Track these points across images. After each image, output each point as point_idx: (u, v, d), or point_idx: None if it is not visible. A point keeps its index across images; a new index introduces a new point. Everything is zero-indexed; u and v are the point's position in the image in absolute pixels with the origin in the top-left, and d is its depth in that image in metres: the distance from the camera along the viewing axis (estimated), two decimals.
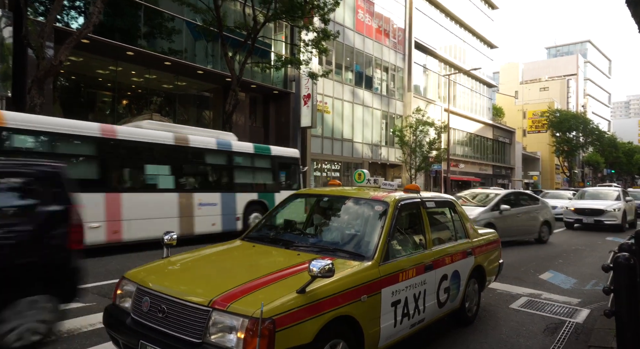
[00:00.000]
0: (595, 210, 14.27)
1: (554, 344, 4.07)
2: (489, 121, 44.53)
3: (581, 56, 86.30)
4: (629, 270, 2.88)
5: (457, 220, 4.53)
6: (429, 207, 4.02)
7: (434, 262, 3.69)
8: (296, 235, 3.86)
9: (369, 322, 2.87)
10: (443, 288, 3.83)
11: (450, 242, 4.20)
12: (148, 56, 15.21)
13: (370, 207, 3.64)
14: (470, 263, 4.38)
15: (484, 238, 4.89)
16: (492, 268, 4.98)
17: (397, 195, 3.70)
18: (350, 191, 4.10)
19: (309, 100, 21.55)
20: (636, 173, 72.24)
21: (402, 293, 3.24)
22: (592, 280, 7.01)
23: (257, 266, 3.05)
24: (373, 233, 3.31)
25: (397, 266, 3.22)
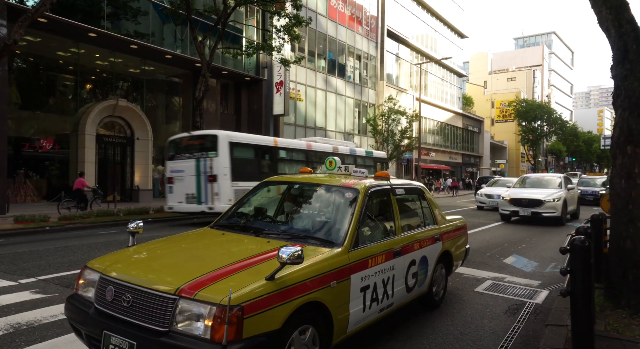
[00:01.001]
0: (533, 201, 12.35)
1: (515, 324, 4.26)
2: (459, 110, 45.48)
3: (546, 47, 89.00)
4: (584, 251, 3.03)
5: (425, 207, 4.60)
6: (398, 194, 4.08)
7: (403, 248, 3.76)
8: (267, 222, 3.83)
9: (338, 307, 2.91)
10: (411, 273, 3.89)
11: (419, 228, 4.28)
12: (112, 38, 14.59)
13: (340, 194, 3.64)
14: (438, 248, 4.46)
15: (452, 225, 4.98)
16: (459, 254, 5.10)
17: (367, 182, 3.72)
18: (321, 178, 4.07)
19: (281, 88, 21.32)
20: (595, 161, 75.88)
21: (371, 278, 3.28)
22: (552, 263, 7.36)
23: (226, 254, 3.03)
24: (343, 220, 3.34)
25: (366, 252, 3.26)
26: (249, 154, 12.15)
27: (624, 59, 4.27)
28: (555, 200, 12.44)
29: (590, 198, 20.79)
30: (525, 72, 76.06)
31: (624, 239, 4.21)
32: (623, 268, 4.20)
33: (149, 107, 18.12)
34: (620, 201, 4.29)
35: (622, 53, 4.28)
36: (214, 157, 11.05)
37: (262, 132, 21.62)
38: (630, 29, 4.24)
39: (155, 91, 18.96)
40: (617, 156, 4.35)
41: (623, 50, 4.27)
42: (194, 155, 11.38)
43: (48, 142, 14.81)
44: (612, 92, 4.56)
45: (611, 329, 3.67)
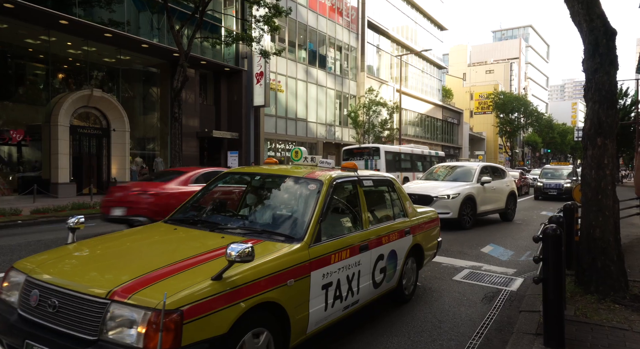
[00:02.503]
0: (423, 197, 9.49)
1: (491, 311, 4.39)
2: (439, 102, 45.99)
3: (523, 40, 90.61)
4: (555, 240, 3.14)
5: (395, 199, 4.48)
6: (366, 186, 3.96)
7: (370, 242, 3.64)
8: (224, 216, 3.63)
9: (296, 307, 2.74)
10: (379, 268, 3.78)
11: (388, 221, 4.15)
12: (85, 26, 14.12)
13: (303, 186, 3.48)
14: (409, 242, 4.35)
15: (423, 217, 4.86)
16: (430, 246, 4.99)
17: (332, 174, 3.57)
18: (284, 169, 3.88)
19: (261, 79, 21.10)
20: (569, 152, 78.16)
21: (334, 275, 3.14)
22: (527, 251, 7.59)
23: (173, 252, 2.79)
24: (305, 213, 3.18)
25: (329, 248, 3.11)
26: (391, 157, 20.60)
27: (594, 53, 4.40)
28: (450, 196, 9.48)
29: (554, 193, 18.35)
30: (503, 64, 77.38)
31: (594, 228, 4.38)
32: (592, 255, 4.37)
33: (125, 98, 17.68)
34: (591, 191, 4.44)
35: (592, 47, 4.41)
36: (377, 159, 19.65)
37: (243, 123, 21.40)
38: (600, 23, 4.36)
39: (131, 81, 18.49)
40: (588, 147, 4.49)
41: (594, 44, 4.39)
42: (364, 157, 19.79)
43: (18, 133, 14.30)
44: (584, 86, 4.69)
45: (580, 313, 3.83)
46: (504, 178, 11.72)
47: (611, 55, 4.37)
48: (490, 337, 3.71)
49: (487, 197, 10.46)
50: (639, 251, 6.70)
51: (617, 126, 4.47)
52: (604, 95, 4.37)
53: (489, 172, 11.18)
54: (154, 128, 19.43)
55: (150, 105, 19.56)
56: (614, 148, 4.43)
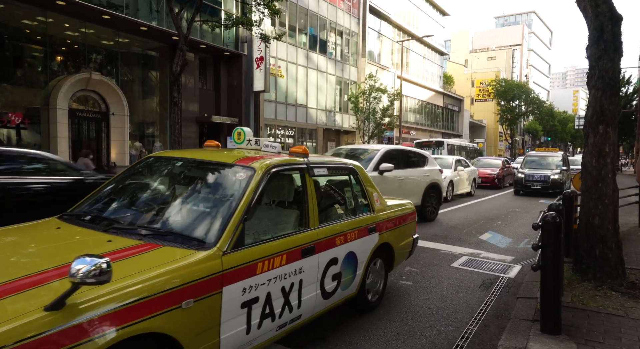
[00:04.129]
0: None
1: (488, 298, 4.44)
2: (440, 89, 45.66)
3: (526, 27, 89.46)
4: (554, 227, 3.15)
5: (358, 191, 3.84)
6: (317, 174, 3.32)
7: (318, 244, 3.04)
8: (133, 211, 2.90)
9: (197, 335, 2.14)
10: (331, 275, 3.19)
11: (347, 217, 3.56)
12: (82, 7, 13.89)
13: (231, 175, 2.88)
14: (373, 241, 3.74)
15: (394, 211, 4.22)
16: (403, 245, 4.33)
17: (271, 160, 2.95)
18: (213, 154, 3.25)
19: (261, 63, 20.88)
20: (569, 140, 77.98)
21: (262, 288, 2.54)
22: (525, 238, 7.63)
23: (27, 262, 2.14)
24: (223, 209, 2.56)
25: (255, 254, 2.51)
26: (450, 148, 24.97)
27: (599, 39, 4.34)
28: None
29: (537, 186, 14.87)
30: (505, 51, 76.52)
31: (593, 215, 4.39)
32: (591, 243, 4.39)
33: (124, 81, 17.51)
34: (591, 179, 4.44)
35: (597, 33, 4.35)
36: (441, 149, 24.02)
37: (242, 108, 21.27)
38: (606, 9, 4.29)
39: (130, 65, 18.28)
40: (590, 135, 4.47)
41: (599, 30, 4.33)
42: (432, 149, 23.55)
43: (17, 115, 14.20)
44: (586, 73, 4.64)
45: (577, 300, 3.87)
46: (422, 166, 9.59)
47: (616, 41, 4.31)
48: (488, 323, 3.75)
49: (389, 190, 8.02)
50: (636, 240, 6.74)
51: (620, 114, 4.45)
52: (607, 82, 4.33)
53: (397, 157, 8.82)
54: (153, 112, 19.32)
55: (150, 89, 19.39)
56: (616, 137, 4.42)
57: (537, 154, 17.78)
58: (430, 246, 6.72)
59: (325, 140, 27.88)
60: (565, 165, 16.39)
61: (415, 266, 5.52)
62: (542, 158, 16.78)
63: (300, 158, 3.24)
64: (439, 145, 25.12)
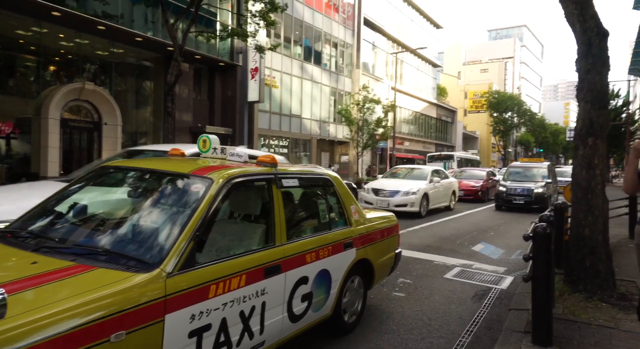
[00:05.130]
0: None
1: (481, 309, 4.43)
2: (434, 100, 46.11)
3: (518, 40, 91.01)
4: (545, 238, 3.16)
5: (334, 203, 3.60)
6: (286, 186, 3.09)
7: (285, 262, 2.79)
8: (66, 228, 2.62)
9: None
10: (300, 296, 2.93)
11: (320, 232, 3.30)
12: (78, 18, 13.93)
13: (185, 186, 2.64)
14: (350, 257, 3.49)
15: (374, 225, 3.96)
16: (383, 261, 4.07)
17: (232, 170, 2.71)
18: (170, 163, 3.00)
19: (256, 74, 20.99)
20: (560, 152, 78.82)
21: (216, 313, 2.28)
22: (517, 250, 7.65)
23: None
24: (172, 225, 2.31)
25: (207, 275, 2.24)
26: (459, 160, 28.26)
27: (587, 53, 4.43)
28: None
29: (520, 201, 13.51)
30: (498, 63, 77.69)
31: (583, 227, 4.42)
32: (581, 254, 4.41)
33: (118, 91, 17.49)
34: (581, 190, 4.48)
35: (585, 47, 4.43)
36: (451, 162, 27.39)
37: (237, 119, 21.31)
38: (593, 24, 4.38)
39: (124, 75, 18.29)
40: (579, 147, 4.53)
41: (587, 44, 4.42)
42: (443, 161, 27.42)
43: (7, 125, 14.10)
44: (576, 85, 4.72)
45: (568, 312, 3.87)
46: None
47: (603, 55, 4.40)
48: (480, 335, 3.73)
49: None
50: (626, 251, 6.78)
51: (609, 126, 4.51)
52: (596, 96, 4.40)
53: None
54: (146, 122, 19.28)
55: (143, 99, 19.39)
56: (605, 148, 4.47)
57: (521, 165, 16.22)
58: (423, 257, 6.71)
59: (319, 151, 27.95)
60: (552, 177, 14.94)
61: (407, 278, 5.50)
62: (526, 169, 15.31)
63: (267, 167, 3.00)
64: (449, 157, 28.84)
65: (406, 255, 6.75)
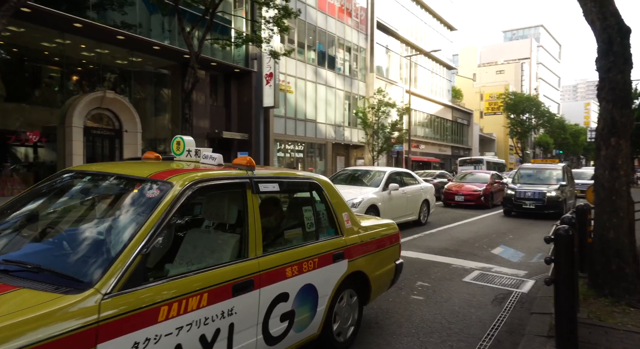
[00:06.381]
0: None
1: (501, 313, 4.35)
2: (449, 103, 45.69)
3: (534, 40, 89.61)
4: (567, 241, 3.10)
5: (322, 210, 3.29)
6: (264, 191, 2.76)
7: (259, 277, 2.47)
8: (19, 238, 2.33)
9: None
10: (279, 315, 2.62)
11: (305, 243, 2.99)
12: (98, 29, 14.34)
13: (141, 192, 2.31)
14: (340, 270, 3.18)
15: (370, 234, 3.62)
16: (381, 273, 3.71)
17: (197, 173, 2.42)
18: (132, 166, 2.74)
19: (271, 80, 21.18)
20: (581, 153, 77.01)
21: (168, 339, 1.97)
22: (538, 253, 7.50)
23: None
24: (116, 237, 2.02)
25: (156, 295, 1.94)
26: (489, 164, 29.24)
27: (608, 52, 4.34)
28: None
29: (531, 205, 12.30)
30: (514, 64, 76.59)
31: (607, 229, 4.31)
32: (606, 257, 4.30)
33: (137, 99, 17.88)
34: (604, 192, 4.38)
35: (606, 45, 4.35)
36: (481, 165, 28.19)
37: (252, 124, 21.51)
38: (614, 21, 4.30)
39: (143, 83, 18.69)
40: (601, 148, 4.43)
41: (607, 42, 4.33)
42: (473, 165, 28.50)
43: (34, 134, 14.56)
44: (597, 85, 4.63)
45: (594, 316, 3.77)
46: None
47: (625, 53, 4.30)
48: (501, 339, 3.68)
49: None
50: None
51: (632, 126, 4.41)
52: (618, 94, 4.31)
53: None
54: (165, 129, 19.63)
55: (162, 106, 19.76)
56: (629, 149, 4.37)
57: (533, 166, 14.89)
58: (441, 260, 6.64)
59: (334, 155, 27.96)
60: (567, 179, 13.42)
61: (426, 281, 5.45)
62: (538, 171, 13.91)
63: (242, 171, 2.70)
64: (479, 162, 29.80)
65: (424, 259, 6.70)
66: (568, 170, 14.38)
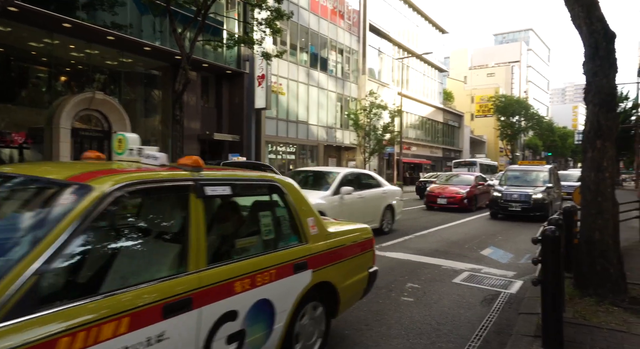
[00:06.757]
0: None
1: (490, 313, 4.40)
2: (440, 105, 46.02)
3: (524, 44, 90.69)
4: (553, 242, 3.15)
5: (283, 215, 3.00)
6: (211, 195, 2.44)
7: (200, 295, 2.14)
8: None
9: None
10: (225, 336, 2.31)
11: (261, 252, 2.70)
12: (88, 29, 14.20)
13: (53, 198, 1.96)
14: (303, 281, 2.89)
15: (340, 240, 3.35)
16: (352, 283, 3.43)
17: (126, 175, 2.11)
18: (50, 167, 2.46)
19: (263, 81, 21.16)
20: (569, 155, 78.05)
21: None
22: (527, 254, 7.58)
23: None
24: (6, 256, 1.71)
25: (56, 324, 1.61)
26: (482, 166, 29.02)
27: (594, 56, 4.42)
28: None
29: (517, 208, 12.35)
30: (504, 67, 77.42)
31: (593, 230, 4.39)
32: (591, 258, 4.37)
33: (127, 100, 17.74)
34: (590, 193, 4.45)
35: (592, 50, 4.43)
36: (475, 167, 27.97)
37: (244, 125, 21.46)
38: (600, 26, 4.38)
39: (133, 84, 18.55)
40: (588, 150, 4.51)
41: (594, 47, 4.41)
42: (467, 167, 28.31)
43: (20, 135, 14.36)
44: (584, 88, 4.71)
45: (579, 316, 3.83)
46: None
47: (611, 58, 4.39)
48: (489, 339, 3.71)
49: None
50: (638, 255, 6.70)
51: (617, 129, 4.49)
52: (604, 98, 4.39)
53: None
54: (155, 130, 19.49)
55: (152, 107, 19.63)
56: (614, 151, 4.45)
57: (519, 168, 15.08)
58: (431, 261, 6.68)
59: (326, 157, 28.00)
60: (554, 181, 13.51)
61: (416, 282, 5.48)
62: (524, 173, 14.03)
63: (186, 172, 2.38)
64: (472, 164, 30.19)
65: (414, 260, 6.74)
66: (554, 172, 14.47)
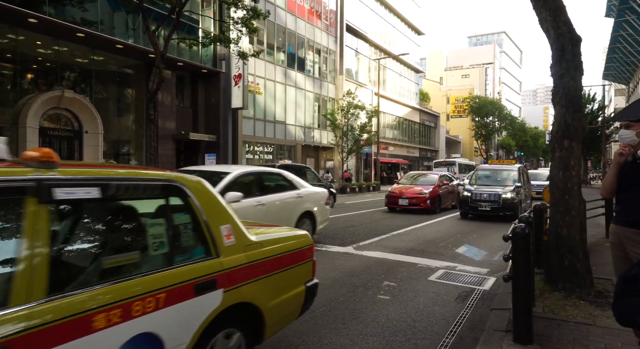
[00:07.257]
0: None
1: (464, 310, 4.48)
2: (416, 105, 46.70)
3: (497, 46, 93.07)
4: (523, 239, 3.24)
5: (185, 223, 2.41)
6: (64, 199, 1.86)
7: (27, 338, 1.55)
8: None
9: None
10: None
11: (148, 271, 2.08)
12: (55, 25, 13.72)
13: None
14: (210, 304, 2.30)
15: (268, 250, 2.78)
16: (282, 301, 2.84)
17: None
18: None
19: (239, 81, 20.96)
20: (540, 155, 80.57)
21: None
22: (500, 251, 7.77)
23: None
24: None
25: None
26: (461, 166, 33.36)
27: (561, 59, 4.57)
28: None
29: (487, 207, 12.21)
30: (478, 69, 79.28)
31: (561, 227, 4.53)
32: (560, 254, 4.52)
33: (99, 99, 17.25)
34: (558, 191, 4.60)
35: (559, 53, 4.57)
36: (454, 167, 32.84)
37: (221, 125, 21.21)
38: (566, 30, 4.53)
39: (105, 82, 18.05)
40: (556, 149, 4.65)
41: (560, 50, 4.56)
42: (447, 167, 32.34)
43: None
44: (552, 90, 4.86)
45: (548, 310, 3.95)
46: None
47: (576, 60, 4.54)
48: (463, 335, 3.78)
49: None
50: (603, 250, 6.96)
51: (584, 129, 4.66)
52: (570, 99, 4.54)
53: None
54: (128, 130, 19.03)
55: (125, 106, 19.15)
56: (580, 150, 4.60)
57: (489, 167, 14.99)
58: (408, 260, 6.77)
59: (304, 157, 27.98)
60: (523, 180, 13.45)
61: (392, 281, 5.54)
62: (494, 172, 13.94)
63: (30, 169, 1.82)
64: (452, 164, 33.32)
65: (391, 259, 6.80)
66: (524, 171, 14.45)
